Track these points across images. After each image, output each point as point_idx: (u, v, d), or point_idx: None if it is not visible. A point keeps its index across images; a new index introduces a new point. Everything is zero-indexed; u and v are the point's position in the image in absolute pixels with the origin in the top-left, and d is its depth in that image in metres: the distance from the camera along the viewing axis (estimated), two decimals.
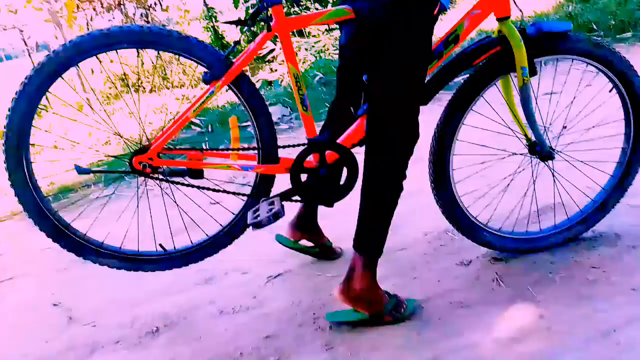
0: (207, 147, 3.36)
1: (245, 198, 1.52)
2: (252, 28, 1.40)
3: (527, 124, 1.51)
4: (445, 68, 1.44)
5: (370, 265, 1.41)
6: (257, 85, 4.99)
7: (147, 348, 1.55)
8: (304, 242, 1.84)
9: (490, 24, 2.12)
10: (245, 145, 1.48)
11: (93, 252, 1.45)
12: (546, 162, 1.58)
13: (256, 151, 1.47)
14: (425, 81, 1.38)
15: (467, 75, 1.48)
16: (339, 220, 2.00)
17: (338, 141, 1.45)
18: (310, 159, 1.45)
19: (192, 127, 3.90)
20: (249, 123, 1.47)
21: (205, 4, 8.61)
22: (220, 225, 1.54)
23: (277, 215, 1.34)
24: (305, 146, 1.43)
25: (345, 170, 1.48)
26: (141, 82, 6.44)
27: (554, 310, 1.38)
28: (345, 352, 1.36)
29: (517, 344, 1.29)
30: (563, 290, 1.45)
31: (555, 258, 1.61)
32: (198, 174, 1.44)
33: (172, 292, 1.82)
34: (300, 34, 6.19)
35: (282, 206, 1.39)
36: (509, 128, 1.56)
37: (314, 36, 5.93)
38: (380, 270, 1.45)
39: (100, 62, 1.47)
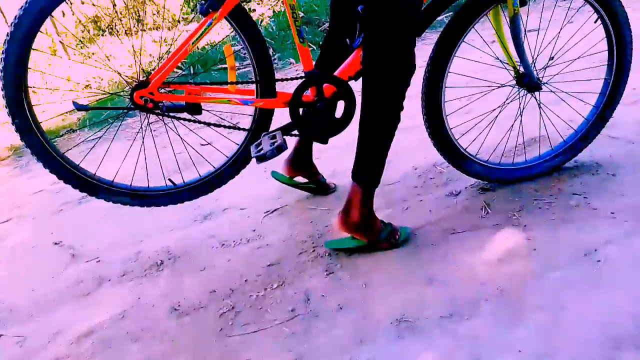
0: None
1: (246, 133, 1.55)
2: None
3: (516, 55, 1.55)
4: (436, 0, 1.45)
5: (368, 195, 1.48)
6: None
7: (153, 279, 1.61)
8: (299, 179, 1.89)
9: None
10: (243, 80, 1.48)
11: (105, 190, 1.47)
12: (533, 94, 1.63)
13: (255, 85, 1.48)
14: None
15: (460, 6, 1.49)
16: (331, 157, 2.06)
17: (335, 74, 1.47)
18: (308, 93, 1.47)
19: (175, 70, 3.82)
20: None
21: None
22: (226, 156, 1.57)
23: (281, 148, 1.38)
24: (303, 79, 1.45)
25: (342, 104, 1.51)
26: (114, 25, 6.20)
27: (539, 234, 1.47)
28: (345, 276, 1.45)
29: (505, 264, 1.38)
30: (547, 216, 1.54)
31: (540, 186, 1.69)
32: (196, 108, 1.45)
33: (172, 229, 1.87)
34: None
35: (284, 139, 1.42)
36: (499, 60, 1.60)
37: None
38: (373, 202, 1.51)
39: (70, 3, 1.42)
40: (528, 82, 1.58)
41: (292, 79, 1.53)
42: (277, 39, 4.14)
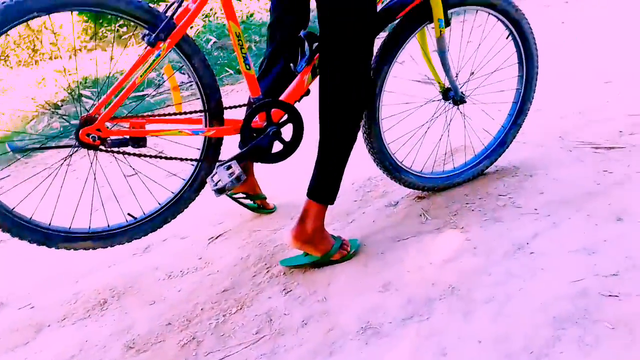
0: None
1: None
2: None
3: (443, 72, 1.69)
4: None
5: (322, 211, 1.52)
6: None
7: (99, 319, 1.53)
8: (240, 195, 1.88)
9: None
10: (192, 111, 1.47)
11: (62, 239, 1.39)
12: (458, 107, 1.78)
13: (202, 114, 1.47)
14: None
15: (391, 30, 1.60)
16: (272, 178, 2.08)
17: (281, 98, 1.51)
18: (256, 119, 1.49)
19: (84, 99, 3.65)
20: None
21: None
22: (182, 179, 1.54)
23: (239, 178, 1.38)
24: (253, 106, 1.47)
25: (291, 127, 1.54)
26: (7, 56, 5.77)
27: (476, 233, 1.60)
28: (303, 292, 1.47)
29: (451, 263, 1.48)
30: (480, 217, 1.68)
31: (469, 191, 1.83)
32: (141, 141, 1.41)
33: (109, 265, 1.78)
34: None
35: (241, 169, 1.42)
36: (427, 77, 1.73)
37: None
38: None
39: None
40: (454, 96, 1.72)
41: (240, 106, 1.55)
42: (210, 58, 4.09)
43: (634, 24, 3.42)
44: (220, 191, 1.38)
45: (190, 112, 1.46)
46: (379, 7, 1.53)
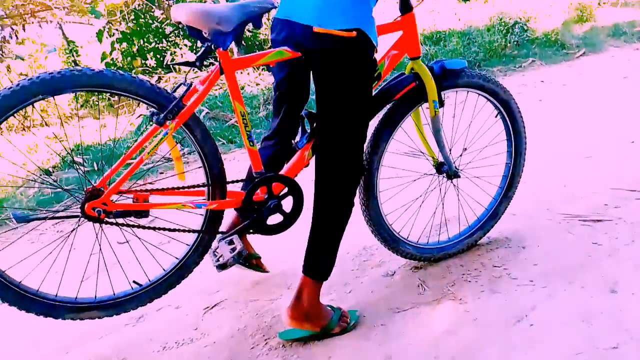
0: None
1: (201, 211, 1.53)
2: (200, 69, 1.44)
3: (437, 149, 1.76)
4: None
5: (317, 286, 1.53)
6: (139, 121, 4.84)
7: None
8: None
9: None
10: (195, 184, 1.50)
11: (70, 310, 1.37)
12: (451, 180, 1.85)
13: (206, 187, 1.50)
14: None
15: (387, 109, 1.69)
16: (268, 244, 2.08)
17: (282, 173, 1.56)
18: (258, 192, 1.53)
19: (75, 166, 3.66)
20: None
21: (65, 38, 8.10)
22: (186, 244, 1.54)
23: (241, 254, 1.40)
24: (255, 180, 1.50)
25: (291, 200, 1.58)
26: None
27: (474, 305, 1.61)
28: None
29: (452, 335, 1.48)
30: (477, 288, 1.70)
31: (464, 262, 1.86)
32: (143, 213, 1.42)
33: (101, 336, 1.73)
34: (173, 70, 6.13)
35: (242, 244, 1.44)
36: (421, 152, 1.81)
37: (194, 72, 5.90)
38: None
39: None
40: (447, 170, 1.79)
41: (241, 180, 1.60)
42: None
43: (606, 101, 3.64)
44: (222, 267, 1.39)
45: (194, 186, 1.49)
46: (378, 88, 1.63)
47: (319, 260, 1.53)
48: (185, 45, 7.33)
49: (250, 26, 1.39)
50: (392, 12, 1.64)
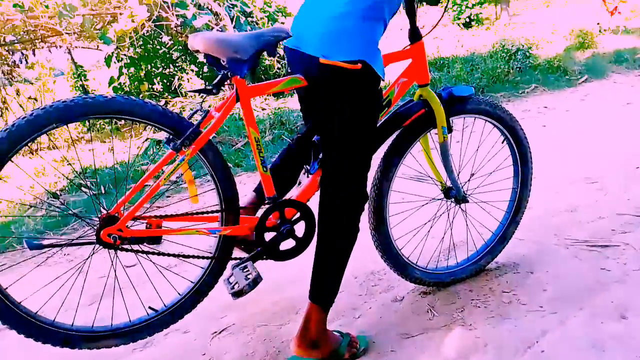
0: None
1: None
2: (216, 95, 1.46)
3: (446, 173, 1.78)
4: (380, 129, 1.66)
5: (324, 312, 1.53)
6: (146, 144, 4.89)
7: None
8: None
9: None
10: (209, 210, 1.51)
11: (87, 339, 1.37)
12: (460, 205, 1.86)
13: (219, 212, 1.50)
14: None
15: (397, 134, 1.71)
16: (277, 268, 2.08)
17: (294, 198, 1.56)
18: (270, 216, 1.53)
19: (83, 189, 3.68)
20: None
21: (74, 62, 8.24)
22: (201, 267, 1.55)
23: (257, 281, 1.40)
24: (267, 205, 1.51)
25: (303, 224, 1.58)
26: None
27: (485, 331, 1.61)
28: None
29: None
30: (487, 314, 1.69)
31: (473, 287, 1.86)
32: (156, 239, 1.42)
33: None
34: (185, 95, 6.22)
35: (257, 270, 1.44)
36: (430, 177, 1.82)
37: (200, 96, 5.98)
38: None
39: None
40: (456, 195, 1.81)
41: (245, 207, 1.59)
42: None
43: (610, 127, 3.67)
44: (237, 294, 1.39)
45: (207, 212, 1.50)
46: (388, 114, 1.65)
47: (323, 286, 1.53)
48: (192, 70, 7.46)
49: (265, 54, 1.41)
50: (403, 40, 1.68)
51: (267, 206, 1.53)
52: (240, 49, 1.32)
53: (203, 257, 1.51)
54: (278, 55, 5.72)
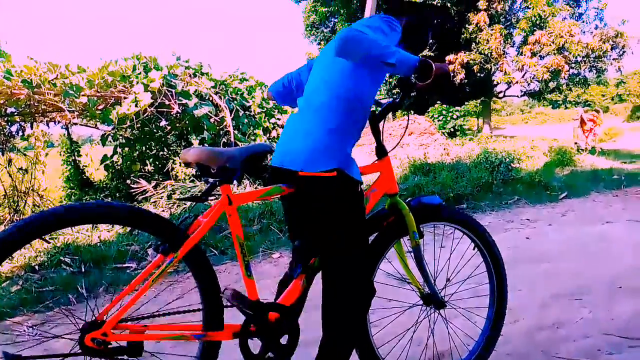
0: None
1: None
2: (205, 203, 1.52)
3: (422, 279, 1.81)
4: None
5: None
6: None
7: None
8: None
9: None
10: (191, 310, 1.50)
11: None
12: (438, 311, 1.86)
13: (202, 316, 1.51)
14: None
15: (371, 241, 1.74)
16: None
17: (277, 301, 1.58)
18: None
19: (63, 265, 3.60)
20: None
21: (70, 138, 8.38)
22: None
23: None
24: (250, 311, 1.51)
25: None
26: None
27: None
28: None
29: None
30: None
31: None
32: (139, 349, 1.38)
33: None
34: (175, 178, 6.29)
35: None
36: (408, 283, 1.84)
37: (191, 181, 6.05)
38: None
39: None
40: (434, 300, 1.83)
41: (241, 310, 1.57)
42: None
43: (591, 243, 3.77)
44: None
45: (190, 311, 1.49)
46: None
47: None
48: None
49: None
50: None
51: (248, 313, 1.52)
52: (229, 159, 1.43)
53: None
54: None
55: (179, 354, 1.77)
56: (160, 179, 6.43)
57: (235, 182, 1.45)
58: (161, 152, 7.33)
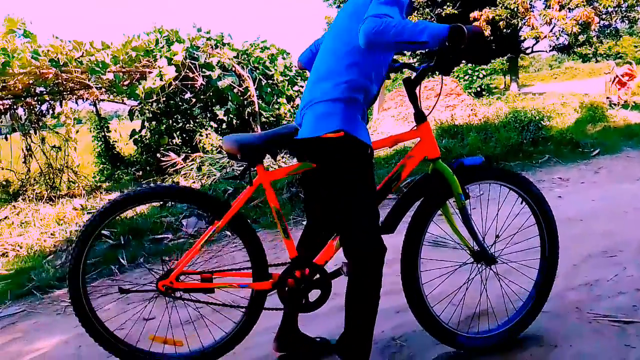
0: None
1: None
2: (243, 182, 1.69)
3: (471, 237, 1.82)
4: (400, 201, 1.76)
5: None
6: None
7: None
8: None
9: None
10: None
11: None
12: (491, 267, 1.88)
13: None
14: (387, 215, 1.72)
15: (418, 206, 1.78)
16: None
17: (314, 260, 1.73)
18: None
19: (103, 238, 3.74)
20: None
21: (99, 114, 8.53)
22: (241, 311, 1.83)
23: None
24: (288, 265, 1.73)
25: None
26: (26, 190, 6.00)
27: None
28: None
29: None
30: None
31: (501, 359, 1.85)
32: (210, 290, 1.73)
33: None
34: (204, 150, 6.37)
35: None
36: (457, 243, 1.86)
37: (218, 152, 6.13)
38: None
39: None
40: (485, 256, 1.85)
41: (280, 264, 1.78)
42: None
43: (626, 200, 3.70)
44: None
45: (240, 269, 1.77)
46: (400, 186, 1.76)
47: (353, 347, 1.59)
48: (211, 126, 7.68)
49: None
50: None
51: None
52: (247, 147, 1.62)
53: (237, 307, 1.80)
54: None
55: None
56: (189, 152, 6.54)
57: (270, 158, 1.70)
58: (187, 125, 7.43)
